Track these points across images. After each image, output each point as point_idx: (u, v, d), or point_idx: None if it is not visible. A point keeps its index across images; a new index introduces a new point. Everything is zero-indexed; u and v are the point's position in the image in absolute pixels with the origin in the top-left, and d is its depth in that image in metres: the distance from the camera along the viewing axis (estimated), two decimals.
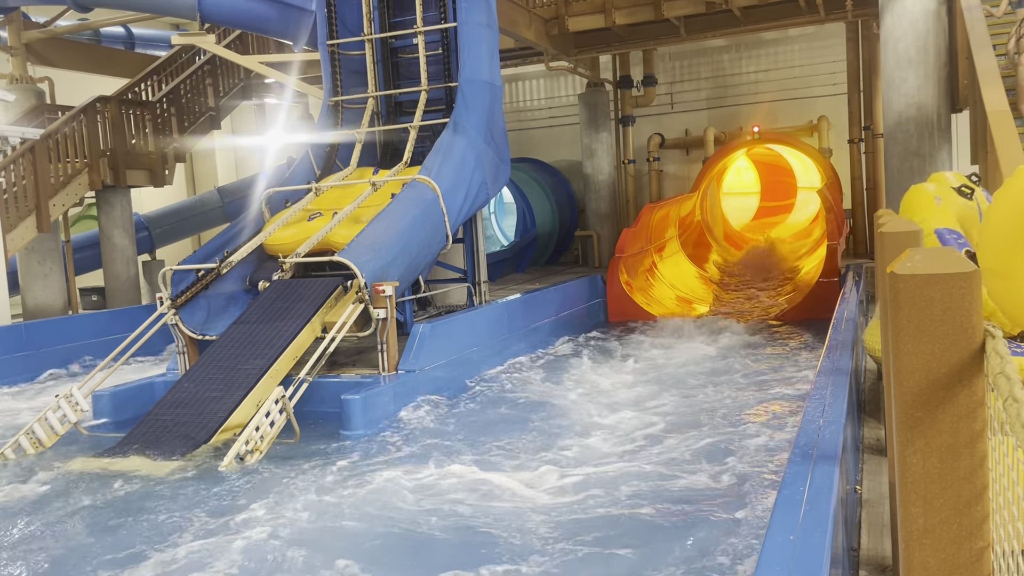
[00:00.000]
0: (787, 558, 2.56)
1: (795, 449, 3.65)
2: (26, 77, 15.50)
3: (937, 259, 1.97)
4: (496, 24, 10.91)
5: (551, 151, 20.26)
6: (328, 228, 8.86)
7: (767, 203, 20.92)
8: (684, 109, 19.16)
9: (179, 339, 8.74)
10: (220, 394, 7.18)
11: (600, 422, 7.29)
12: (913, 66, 11.03)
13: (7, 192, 12.58)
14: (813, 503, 2.99)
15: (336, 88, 11.22)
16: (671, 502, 5.23)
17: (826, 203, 14.03)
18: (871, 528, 4.11)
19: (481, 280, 10.96)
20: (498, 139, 10.72)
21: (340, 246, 8.51)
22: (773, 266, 16.23)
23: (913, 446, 1.96)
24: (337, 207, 9.57)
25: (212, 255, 9.27)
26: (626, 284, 13.48)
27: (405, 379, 8.03)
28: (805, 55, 18.15)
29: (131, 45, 18.38)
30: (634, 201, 18.79)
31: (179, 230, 18.23)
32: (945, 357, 1.92)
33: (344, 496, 5.63)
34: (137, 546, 4.95)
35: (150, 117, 15.58)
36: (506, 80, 19.42)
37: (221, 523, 5.23)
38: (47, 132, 13.39)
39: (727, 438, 6.58)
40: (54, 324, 11.96)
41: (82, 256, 15.97)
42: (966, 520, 1.93)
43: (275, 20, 12.58)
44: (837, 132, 17.37)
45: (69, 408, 7.45)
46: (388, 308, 7.97)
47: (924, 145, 11.12)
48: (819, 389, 4.69)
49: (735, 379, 8.88)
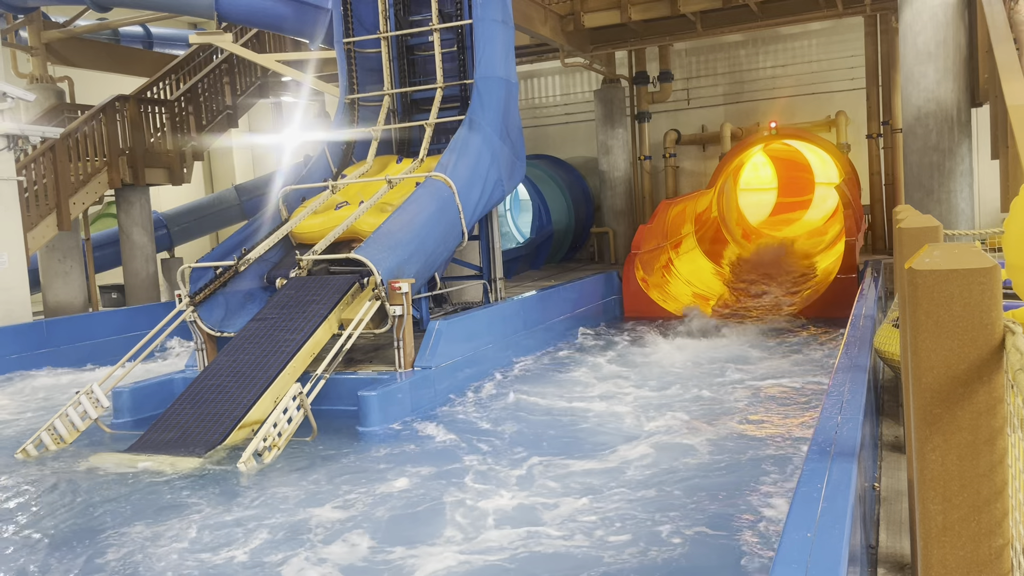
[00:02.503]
0: (804, 555, 2.55)
1: (813, 446, 3.63)
2: (46, 77, 15.66)
3: (956, 255, 1.95)
4: (511, 21, 10.90)
5: (567, 148, 20.23)
6: (355, 216, 9.01)
7: (784, 199, 20.78)
8: (700, 105, 19.07)
9: (197, 336, 8.80)
10: (238, 391, 7.23)
11: (621, 417, 7.28)
12: (932, 60, 10.93)
13: (28, 191, 12.72)
14: (831, 500, 2.98)
15: (352, 86, 11.26)
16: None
17: (844, 199, 13.93)
18: (889, 525, 4.09)
19: (497, 277, 10.97)
20: (514, 136, 10.72)
21: (366, 234, 8.69)
22: (790, 263, 16.13)
23: (932, 443, 1.95)
24: (363, 195, 9.71)
25: (230, 252, 9.33)
26: (642, 281, 13.45)
27: (422, 376, 8.06)
28: (823, 50, 18.02)
29: (149, 44, 18.54)
30: (650, 198, 18.74)
31: (197, 228, 18.38)
32: (964, 353, 1.90)
33: (362, 493, 5.66)
34: (162, 542, 5.00)
35: (168, 116, 15.71)
36: (521, 77, 19.41)
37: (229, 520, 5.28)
38: (67, 131, 13.52)
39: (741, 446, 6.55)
40: (74, 321, 12.08)
41: (102, 254, 16.13)
42: (985, 517, 1.92)
43: (292, 18, 12.63)
44: (855, 127, 17.24)
45: (89, 404, 7.53)
46: (404, 305, 7.99)
47: (943, 140, 11.02)
48: (837, 386, 4.67)
49: (748, 375, 8.85)
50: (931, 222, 4.40)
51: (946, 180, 11.10)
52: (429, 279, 9.42)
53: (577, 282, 12.79)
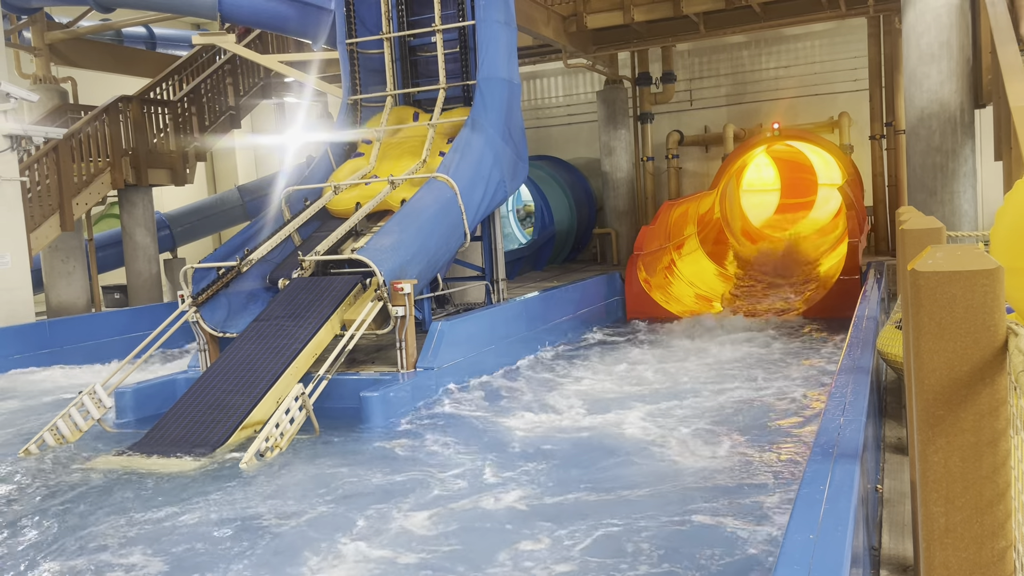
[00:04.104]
0: (807, 556, 2.55)
1: (815, 447, 3.62)
2: (49, 77, 15.69)
3: (959, 256, 1.95)
4: (514, 21, 10.91)
5: (569, 149, 20.23)
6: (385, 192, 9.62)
7: (787, 200, 20.77)
8: (703, 106, 19.07)
9: (200, 336, 8.81)
10: (240, 391, 7.24)
11: (625, 422, 7.28)
12: (936, 61, 10.92)
13: (31, 191, 12.75)
14: (833, 501, 2.98)
15: (355, 87, 11.27)
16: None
17: (847, 200, 13.92)
18: (892, 527, 4.08)
19: (499, 278, 10.98)
20: (516, 137, 10.73)
21: (398, 206, 9.21)
22: (793, 264, 16.11)
23: (935, 445, 1.94)
24: (393, 169, 10.17)
25: (232, 253, 9.34)
26: (644, 282, 13.44)
27: (424, 376, 8.06)
28: (826, 51, 18.00)
29: (152, 45, 18.57)
30: (653, 199, 18.73)
31: (200, 228, 18.41)
32: (967, 355, 1.90)
33: (361, 492, 5.66)
34: (161, 540, 5.00)
35: (171, 116, 15.73)
36: (524, 78, 19.40)
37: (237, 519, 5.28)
38: (70, 132, 13.55)
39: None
40: (77, 322, 12.10)
41: (105, 254, 16.17)
42: (988, 519, 1.92)
43: (294, 19, 12.65)
44: (858, 128, 17.23)
45: (92, 404, 7.54)
46: (407, 306, 8.00)
47: (947, 141, 11.00)
48: (839, 387, 4.66)
49: (756, 373, 8.84)
50: (934, 224, 4.39)
51: (949, 181, 11.08)
52: (431, 280, 9.43)
53: (579, 283, 12.78)
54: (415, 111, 11.02)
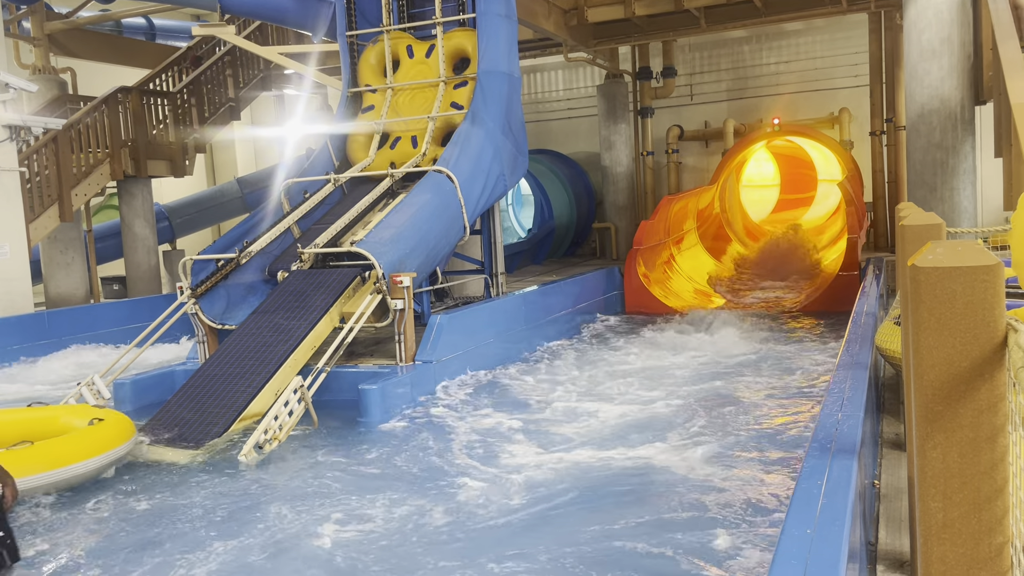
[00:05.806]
0: (804, 551, 2.55)
1: (813, 442, 3.63)
2: (49, 67, 15.65)
3: (959, 252, 1.95)
4: (515, 15, 10.88)
5: (569, 143, 20.21)
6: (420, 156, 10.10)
7: (787, 196, 20.75)
8: (704, 101, 19.04)
9: (199, 328, 8.81)
10: (239, 383, 7.24)
11: (625, 414, 7.29)
12: (936, 57, 10.90)
13: (30, 182, 12.72)
14: (831, 497, 2.98)
15: (355, 78, 11.25)
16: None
17: (847, 196, 13.91)
18: (889, 522, 4.09)
19: (498, 271, 10.97)
20: (516, 130, 10.71)
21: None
22: (792, 259, 16.11)
23: (933, 440, 1.95)
24: (411, 126, 10.54)
25: (232, 245, 9.34)
26: (644, 276, 13.44)
27: (422, 369, 8.06)
28: (827, 46, 17.97)
29: (152, 36, 18.52)
30: (652, 193, 18.71)
31: (199, 220, 18.38)
32: (966, 351, 1.90)
33: (359, 487, 5.67)
34: (156, 529, 5.01)
35: (171, 108, 15.69)
36: (524, 71, 19.37)
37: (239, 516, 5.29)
38: (69, 122, 13.52)
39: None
40: (76, 312, 12.09)
41: (104, 245, 16.14)
42: (986, 515, 1.92)
43: (294, 11, 12.62)
44: (858, 124, 17.20)
45: (91, 396, 7.54)
46: (406, 299, 8.00)
47: (947, 138, 10.99)
48: (838, 383, 4.66)
49: (760, 371, 8.85)
50: (934, 219, 4.40)
51: (949, 178, 11.08)
52: (430, 273, 9.43)
53: (579, 277, 12.78)
54: (408, 43, 11.06)
